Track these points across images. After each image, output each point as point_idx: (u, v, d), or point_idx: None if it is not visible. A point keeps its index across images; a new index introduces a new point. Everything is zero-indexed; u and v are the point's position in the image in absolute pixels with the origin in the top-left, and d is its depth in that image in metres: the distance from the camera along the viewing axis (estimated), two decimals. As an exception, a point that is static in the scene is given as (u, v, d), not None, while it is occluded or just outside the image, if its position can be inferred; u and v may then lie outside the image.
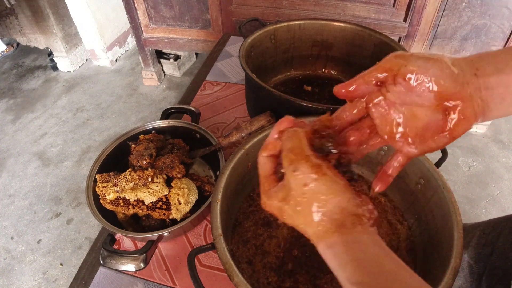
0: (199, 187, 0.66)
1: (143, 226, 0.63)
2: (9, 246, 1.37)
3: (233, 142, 0.68)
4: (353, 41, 0.88)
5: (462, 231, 0.46)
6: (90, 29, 2.10)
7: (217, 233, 0.46)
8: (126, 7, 1.71)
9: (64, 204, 1.51)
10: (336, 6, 1.46)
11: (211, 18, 1.65)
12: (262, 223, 0.63)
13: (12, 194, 1.56)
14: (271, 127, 0.61)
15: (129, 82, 2.16)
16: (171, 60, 2.08)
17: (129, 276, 0.62)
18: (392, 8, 1.41)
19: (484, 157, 1.59)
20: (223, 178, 0.54)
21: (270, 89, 0.67)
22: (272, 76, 0.96)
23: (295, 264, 0.57)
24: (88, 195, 0.62)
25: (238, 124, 0.90)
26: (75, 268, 1.29)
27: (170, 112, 0.79)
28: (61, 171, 1.65)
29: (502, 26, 1.36)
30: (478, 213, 1.39)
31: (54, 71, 2.27)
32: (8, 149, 1.77)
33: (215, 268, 0.62)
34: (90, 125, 1.88)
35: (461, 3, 1.34)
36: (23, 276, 1.28)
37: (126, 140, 0.71)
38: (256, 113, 0.70)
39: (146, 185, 0.60)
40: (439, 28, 1.44)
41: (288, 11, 1.51)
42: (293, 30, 0.89)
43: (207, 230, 0.68)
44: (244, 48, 0.78)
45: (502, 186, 1.47)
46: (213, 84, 1.04)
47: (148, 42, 1.86)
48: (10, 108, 2.02)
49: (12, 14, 2.02)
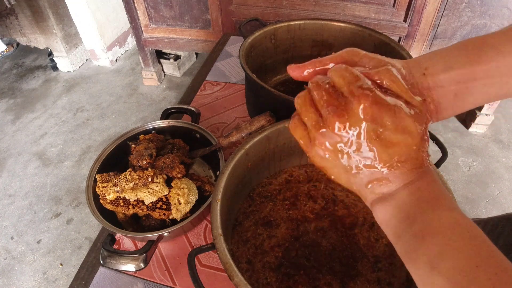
0: (199, 187, 0.66)
1: (143, 226, 0.63)
2: (9, 246, 1.37)
3: (233, 142, 0.68)
4: (353, 41, 0.88)
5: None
6: (90, 29, 2.10)
7: (217, 233, 0.46)
8: (126, 7, 1.71)
9: (64, 204, 1.51)
10: (336, 6, 1.46)
11: (211, 18, 1.65)
12: (262, 223, 0.63)
13: (12, 194, 1.56)
14: (271, 127, 0.61)
15: (129, 82, 2.16)
16: (171, 60, 2.08)
17: (129, 276, 0.62)
18: (392, 8, 1.41)
19: (484, 157, 1.59)
20: (223, 178, 0.54)
21: (270, 89, 0.67)
22: (272, 76, 0.96)
23: (294, 265, 0.57)
24: (88, 195, 0.62)
25: (238, 124, 0.90)
26: (75, 268, 1.29)
27: (170, 112, 0.79)
28: (61, 171, 1.65)
29: (502, 26, 1.36)
30: (478, 213, 1.39)
31: (54, 71, 2.27)
32: (8, 149, 1.77)
33: (215, 268, 0.62)
34: (90, 125, 1.88)
35: (461, 3, 1.34)
36: (23, 276, 1.28)
37: (126, 140, 0.71)
38: (256, 113, 0.70)
39: (146, 185, 0.60)
40: (439, 28, 1.44)
41: (288, 11, 1.51)
42: (293, 30, 0.89)
43: (207, 230, 0.68)
44: (244, 48, 0.78)
45: (502, 186, 1.47)
46: (213, 84, 1.04)
47: (148, 42, 1.86)
48: (10, 108, 2.02)
49: (12, 14, 2.02)
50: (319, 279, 0.55)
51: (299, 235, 0.61)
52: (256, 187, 0.69)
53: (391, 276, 0.55)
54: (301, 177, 0.70)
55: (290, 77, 0.35)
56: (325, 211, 0.64)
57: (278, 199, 0.67)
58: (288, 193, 0.67)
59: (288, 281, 0.55)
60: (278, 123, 0.61)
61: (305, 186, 0.68)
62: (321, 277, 0.56)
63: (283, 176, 0.71)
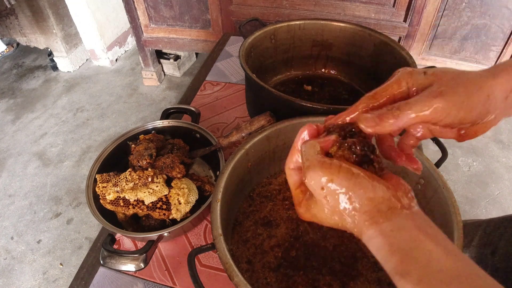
0: (199, 187, 0.66)
1: (143, 226, 0.63)
2: (9, 246, 1.37)
3: (233, 142, 0.68)
4: (353, 41, 0.88)
5: (462, 231, 0.46)
6: (90, 29, 2.10)
7: (217, 233, 0.46)
8: (126, 7, 1.71)
9: (64, 204, 1.51)
10: (336, 6, 1.46)
11: (211, 18, 1.65)
12: (262, 223, 0.63)
13: (12, 194, 1.56)
14: (271, 127, 0.61)
15: (129, 82, 2.16)
16: (171, 60, 2.08)
17: (129, 276, 0.62)
18: (392, 8, 1.41)
19: (484, 157, 1.59)
20: (223, 178, 0.54)
21: (270, 89, 0.67)
22: (272, 76, 0.95)
23: (294, 265, 0.57)
24: (88, 195, 0.62)
25: (238, 124, 0.90)
26: (75, 268, 1.29)
27: (170, 112, 0.79)
28: (61, 171, 1.65)
29: (502, 26, 1.36)
30: (478, 213, 1.39)
31: (54, 71, 2.27)
32: (8, 149, 1.77)
33: (215, 268, 0.62)
34: (90, 125, 1.88)
35: (461, 3, 1.34)
36: (23, 276, 1.28)
37: (126, 140, 0.71)
38: (256, 113, 0.70)
39: (146, 185, 0.60)
40: (439, 28, 1.44)
41: (288, 11, 1.51)
42: (293, 30, 0.89)
43: (207, 230, 0.68)
44: (244, 48, 0.78)
45: (502, 186, 1.47)
46: (213, 84, 1.04)
47: (148, 42, 1.86)
48: (10, 108, 2.02)
49: (12, 14, 2.02)
50: (318, 280, 0.55)
51: (299, 235, 0.61)
52: (256, 187, 0.68)
53: (391, 276, 0.55)
54: (301, 177, 0.70)
55: (290, 77, 0.36)
56: (325, 211, 0.64)
57: (278, 199, 0.67)
58: (288, 193, 0.67)
59: (288, 281, 0.55)
60: (278, 123, 0.61)
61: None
62: (321, 277, 0.56)
63: (283, 176, 0.71)
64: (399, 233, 0.27)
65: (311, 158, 0.30)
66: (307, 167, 0.30)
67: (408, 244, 0.26)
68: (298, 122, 0.62)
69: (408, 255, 0.26)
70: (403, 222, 0.27)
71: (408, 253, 0.26)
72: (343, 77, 0.96)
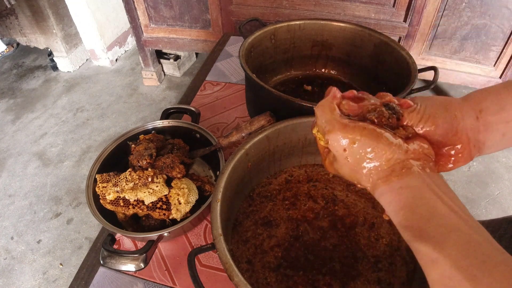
0: (199, 187, 0.66)
1: (143, 226, 0.63)
2: (9, 246, 1.37)
3: (233, 142, 0.68)
4: (353, 41, 0.88)
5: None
6: (90, 29, 2.10)
7: (217, 233, 0.46)
8: (126, 7, 1.71)
9: (64, 204, 1.51)
10: (336, 6, 1.46)
11: (211, 18, 1.65)
12: (262, 223, 0.63)
13: (12, 194, 1.56)
14: (271, 127, 0.61)
15: (129, 82, 2.16)
16: (171, 60, 2.08)
17: (129, 276, 0.62)
18: (392, 8, 1.41)
19: (484, 157, 1.59)
20: (223, 178, 0.54)
21: (270, 89, 0.67)
22: (272, 76, 0.95)
23: (294, 265, 0.57)
24: (88, 195, 0.62)
25: (238, 124, 0.90)
26: (75, 268, 1.29)
27: (170, 112, 0.79)
28: (61, 171, 1.65)
29: (502, 26, 1.36)
30: (478, 213, 1.39)
31: (54, 71, 2.27)
32: (8, 149, 1.77)
33: (215, 268, 0.62)
34: (90, 125, 1.88)
35: (461, 3, 1.34)
36: (23, 276, 1.28)
37: (126, 140, 0.71)
38: (256, 113, 0.70)
39: (146, 185, 0.60)
40: (439, 28, 1.44)
41: (288, 11, 1.51)
42: (293, 30, 0.89)
43: (207, 230, 0.68)
44: (244, 48, 0.78)
45: (502, 186, 1.47)
46: (213, 84, 1.04)
47: (148, 42, 1.86)
48: (10, 108, 2.02)
49: (12, 14, 2.02)
50: (318, 280, 0.55)
51: (299, 235, 0.61)
52: (256, 187, 0.69)
53: (391, 276, 0.55)
54: (301, 177, 0.70)
55: (290, 77, 0.37)
56: (325, 211, 0.64)
57: (278, 199, 0.67)
58: (288, 193, 0.67)
59: (287, 281, 0.55)
60: (278, 123, 0.61)
61: (305, 186, 0.68)
62: (321, 277, 0.56)
63: (283, 176, 0.71)
64: (407, 190, 0.29)
65: (331, 122, 0.33)
66: (329, 131, 0.32)
67: (414, 201, 0.29)
68: (298, 122, 0.62)
69: (413, 210, 0.28)
70: (413, 181, 0.30)
71: (413, 209, 0.28)
72: (343, 77, 0.96)
